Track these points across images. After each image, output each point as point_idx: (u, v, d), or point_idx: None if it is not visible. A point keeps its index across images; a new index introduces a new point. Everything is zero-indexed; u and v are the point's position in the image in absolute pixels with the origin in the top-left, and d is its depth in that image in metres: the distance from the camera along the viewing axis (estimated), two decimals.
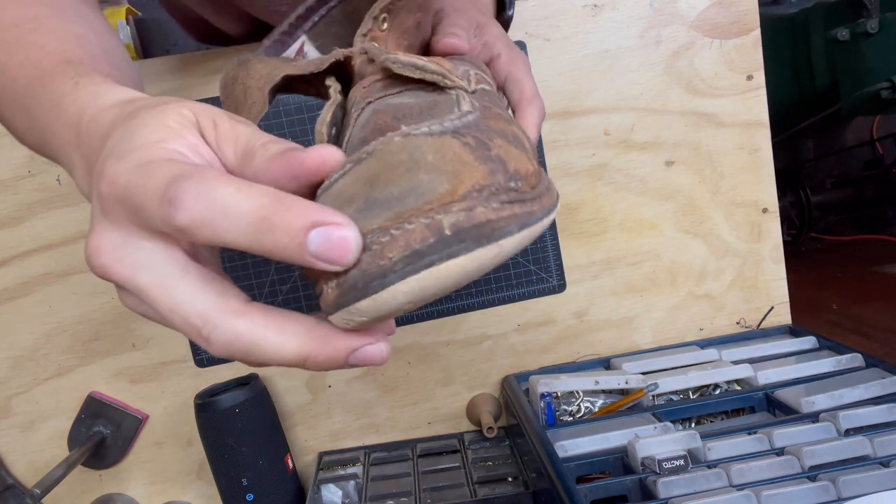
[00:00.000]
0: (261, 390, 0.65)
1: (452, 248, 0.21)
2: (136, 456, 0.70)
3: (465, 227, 0.21)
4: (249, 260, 0.67)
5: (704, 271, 0.73)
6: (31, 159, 0.65)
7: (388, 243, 0.21)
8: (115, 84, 0.28)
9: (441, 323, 0.71)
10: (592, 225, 0.72)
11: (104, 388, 0.68)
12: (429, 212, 0.21)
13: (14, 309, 0.67)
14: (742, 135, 0.72)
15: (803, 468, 0.47)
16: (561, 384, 0.61)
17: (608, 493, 0.48)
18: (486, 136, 0.24)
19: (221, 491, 0.64)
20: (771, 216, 0.73)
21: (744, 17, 0.71)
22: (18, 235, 0.66)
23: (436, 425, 0.72)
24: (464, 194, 0.21)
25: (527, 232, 0.22)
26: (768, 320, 0.74)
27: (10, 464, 0.68)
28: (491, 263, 0.22)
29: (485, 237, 0.21)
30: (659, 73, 0.71)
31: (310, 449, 0.71)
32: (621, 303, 0.73)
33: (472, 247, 0.21)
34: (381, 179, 0.22)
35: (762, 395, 0.59)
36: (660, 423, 0.55)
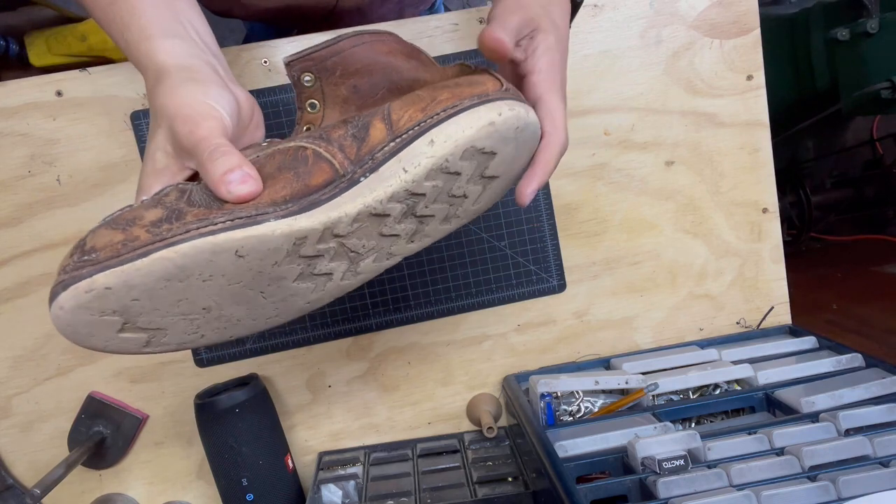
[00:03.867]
0: (261, 390, 0.65)
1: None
2: (136, 456, 0.70)
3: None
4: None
5: (704, 271, 0.73)
6: (30, 159, 0.65)
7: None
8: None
9: (441, 323, 0.71)
10: (592, 225, 0.72)
11: (104, 388, 0.68)
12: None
13: (14, 309, 0.67)
14: (742, 135, 0.72)
15: (803, 468, 0.47)
16: (561, 384, 0.61)
17: (608, 493, 0.48)
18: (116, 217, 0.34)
19: (221, 491, 0.64)
20: (771, 216, 0.73)
21: (744, 17, 0.71)
22: (18, 235, 0.66)
23: (436, 425, 0.72)
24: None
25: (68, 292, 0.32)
26: (768, 320, 0.74)
27: (10, 464, 0.68)
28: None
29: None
30: (659, 73, 0.71)
31: (310, 449, 0.71)
32: (621, 303, 0.73)
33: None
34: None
35: (762, 395, 0.59)
36: (660, 423, 0.55)
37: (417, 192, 0.35)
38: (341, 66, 0.40)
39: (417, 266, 0.70)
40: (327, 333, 0.70)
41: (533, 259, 0.71)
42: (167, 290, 0.32)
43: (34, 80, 0.64)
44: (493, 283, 0.71)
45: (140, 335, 0.34)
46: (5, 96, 0.64)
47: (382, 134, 0.35)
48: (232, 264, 0.33)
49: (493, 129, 0.35)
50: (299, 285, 0.36)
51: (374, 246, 0.37)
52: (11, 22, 1.10)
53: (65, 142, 0.65)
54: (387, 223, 0.36)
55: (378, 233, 0.37)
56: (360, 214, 0.35)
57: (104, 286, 0.31)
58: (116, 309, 0.32)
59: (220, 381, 0.67)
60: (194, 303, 0.34)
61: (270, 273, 0.34)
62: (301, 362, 0.70)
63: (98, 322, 0.32)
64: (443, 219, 0.39)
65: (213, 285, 0.33)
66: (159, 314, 0.33)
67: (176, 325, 0.35)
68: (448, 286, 0.70)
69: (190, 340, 0.36)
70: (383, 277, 0.70)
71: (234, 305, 0.35)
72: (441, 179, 0.35)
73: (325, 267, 0.36)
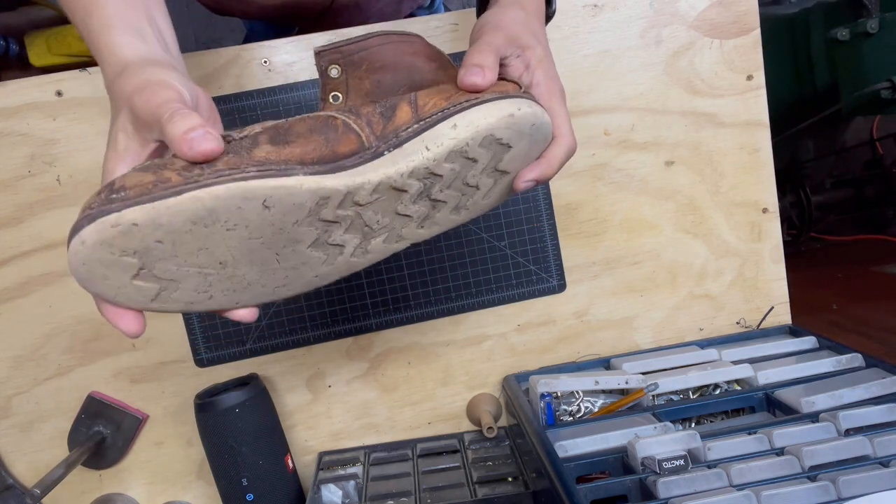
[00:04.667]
0: (261, 390, 0.65)
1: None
2: (136, 456, 0.70)
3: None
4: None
5: (704, 271, 0.73)
6: (30, 159, 0.65)
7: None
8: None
9: (441, 323, 0.71)
10: (592, 225, 0.72)
11: (104, 388, 0.68)
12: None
13: (14, 309, 0.67)
14: (742, 135, 0.72)
15: (803, 468, 0.47)
16: (561, 384, 0.61)
17: (608, 493, 0.48)
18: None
19: (221, 491, 0.64)
20: (771, 216, 0.73)
21: (744, 17, 0.71)
22: (18, 235, 0.66)
23: (436, 425, 0.72)
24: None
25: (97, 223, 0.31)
26: (768, 320, 0.74)
27: (10, 464, 0.68)
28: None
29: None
30: (659, 73, 0.71)
31: (310, 449, 0.71)
32: (621, 303, 0.73)
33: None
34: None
35: (762, 395, 0.59)
36: (660, 423, 0.55)
37: (436, 171, 0.37)
38: (367, 61, 0.42)
39: (417, 266, 0.70)
40: (327, 333, 0.70)
41: (533, 259, 0.71)
42: (191, 235, 0.33)
43: (34, 80, 0.64)
44: (493, 283, 0.71)
45: (152, 285, 0.34)
46: (5, 96, 0.64)
47: (408, 116, 0.38)
48: (257, 215, 0.34)
49: (512, 121, 0.38)
50: (312, 253, 0.38)
51: (387, 224, 0.39)
52: (11, 22, 1.10)
53: (65, 142, 0.65)
54: (403, 201, 0.38)
55: (394, 210, 0.38)
56: (380, 185, 0.36)
57: (132, 222, 0.31)
58: (138, 249, 0.32)
59: (220, 381, 0.67)
60: (213, 254, 0.34)
61: (289, 233, 0.36)
62: (301, 362, 0.70)
63: (116, 262, 0.32)
64: (453, 208, 0.41)
65: (234, 236, 0.34)
66: (176, 263, 0.34)
67: (189, 278, 0.35)
68: (448, 286, 0.70)
69: (198, 300, 0.36)
70: (383, 277, 0.70)
71: (249, 265, 0.36)
72: (459, 163, 0.38)
73: (339, 237, 0.38)
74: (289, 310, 0.69)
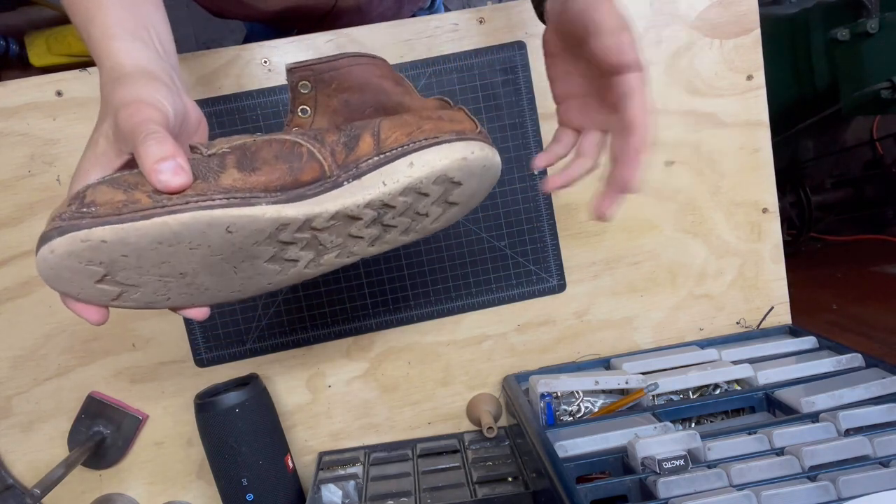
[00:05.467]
0: (261, 390, 0.65)
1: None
2: (136, 456, 0.70)
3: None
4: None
5: (704, 271, 0.73)
6: (30, 159, 0.65)
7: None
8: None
9: (441, 323, 0.71)
10: (592, 225, 0.72)
11: (104, 388, 0.68)
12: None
13: (14, 309, 0.67)
14: (742, 135, 0.72)
15: (803, 468, 0.47)
16: (561, 384, 0.61)
17: (608, 493, 0.48)
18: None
19: (221, 491, 0.64)
20: (771, 216, 0.73)
21: (744, 17, 0.71)
22: (18, 235, 0.66)
23: (436, 425, 0.72)
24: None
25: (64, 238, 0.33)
26: (768, 320, 0.74)
27: (10, 464, 0.68)
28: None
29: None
30: (659, 73, 0.71)
31: (310, 449, 0.71)
32: (621, 303, 0.73)
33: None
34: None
35: (762, 395, 0.59)
36: (660, 423, 0.55)
37: (390, 204, 0.40)
38: (337, 80, 0.45)
39: (417, 266, 0.70)
40: (327, 333, 0.70)
41: (533, 259, 0.71)
42: (156, 253, 0.35)
43: (34, 80, 0.64)
44: (493, 283, 0.71)
45: (114, 288, 0.36)
46: (5, 96, 0.64)
47: (370, 148, 0.40)
48: (220, 238, 0.36)
49: (465, 164, 0.40)
50: (268, 266, 0.40)
51: (340, 243, 0.41)
52: (11, 22, 1.10)
53: (65, 142, 0.65)
54: (357, 226, 0.40)
55: (347, 233, 0.41)
56: (337, 214, 0.39)
57: (101, 239, 0.33)
58: (104, 261, 0.34)
59: (220, 381, 0.67)
60: (174, 267, 0.36)
61: (249, 251, 0.38)
62: (301, 362, 0.70)
63: (82, 270, 0.34)
64: (403, 231, 0.43)
65: (197, 254, 0.36)
66: (139, 273, 0.36)
67: (149, 284, 0.37)
68: (448, 286, 0.70)
69: (156, 301, 0.39)
70: (383, 277, 0.70)
71: (208, 276, 0.38)
72: (412, 197, 0.40)
73: (294, 254, 0.40)
74: (289, 310, 0.69)
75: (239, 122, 0.66)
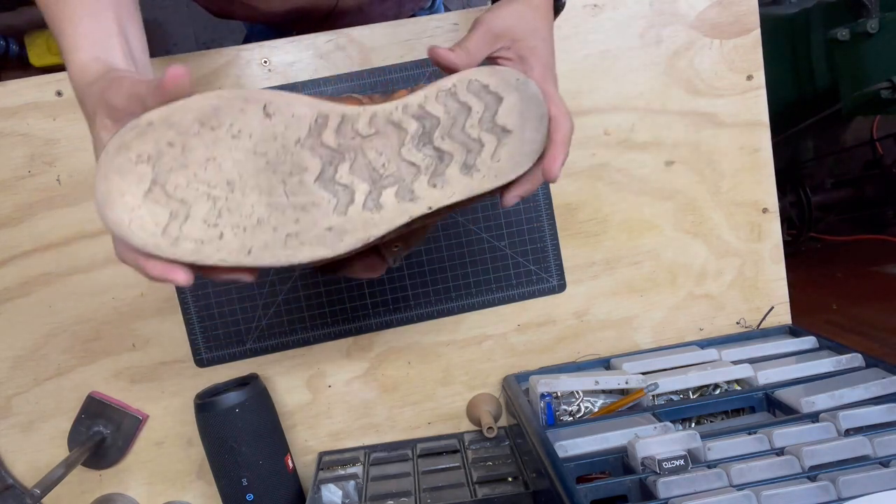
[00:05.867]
0: (261, 390, 0.65)
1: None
2: (136, 456, 0.70)
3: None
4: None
5: (704, 271, 0.73)
6: (30, 159, 0.65)
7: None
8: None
9: (441, 323, 0.71)
10: (592, 225, 0.72)
11: (104, 388, 0.68)
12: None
13: (14, 309, 0.67)
14: (742, 135, 0.72)
15: (803, 468, 0.47)
16: (561, 384, 0.61)
17: (608, 493, 0.48)
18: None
19: (221, 491, 0.64)
20: (771, 216, 0.73)
21: (744, 17, 0.71)
22: (18, 235, 0.66)
23: (436, 425, 0.72)
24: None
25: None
26: (768, 320, 0.74)
27: (10, 464, 0.68)
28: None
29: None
30: (659, 73, 0.71)
31: (310, 449, 0.71)
32: (621, 303, 0.73)
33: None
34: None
35: (762, 395, 0.59)
36: (660, 423, 0.55)
37: (429, 110, 0.41)
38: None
39: (417, 266, 0.70)
40: (327, 333, 0.70)
41: (533, 259, 0.71)
42: (199, 140, 0.36)
43: (34, 80, 0.64)
44: (493, 283, 0.71)
45: (163, 210, 0.36)
46: (5, 96, 0.64)
47: (404, 93, 0.42)
48: (259, 122, 0.37)
49: (494, 72, 0.42)
50: (320, 191, 0.39)
51: (394, 172, 0.40)
52: (11, 22, 1.10)
53: (65, 142, 0.65)
54: (405, 143, 0.40)
55: (398, 152, 0.40)
56: (376, 115, 0.39)
57: (148, 121, 0.35)
58: (151, 154, 0.35)
59: (220, 381, 0.67)
60: (221, 168, 0.36)
61: (294, 155, 0.38)
62: (301, 362, 0.70)
63: (132, 173, 0.35)
64: (462, 164, 0.42)
65: (240, 147, 0.37)
66: (186, 176, 0.36)
67: (199, 203, 0.36)
68: (448, 286, 0.70)
69: (208, 239, 0.36)
70: (383, 277, 0.70)
71: (257, 193, 0.37)
72: (452, 104, 0.41)
73: (346, 176, 0.39)
74: (289, 310, 0.69)
75: None
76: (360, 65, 0.67)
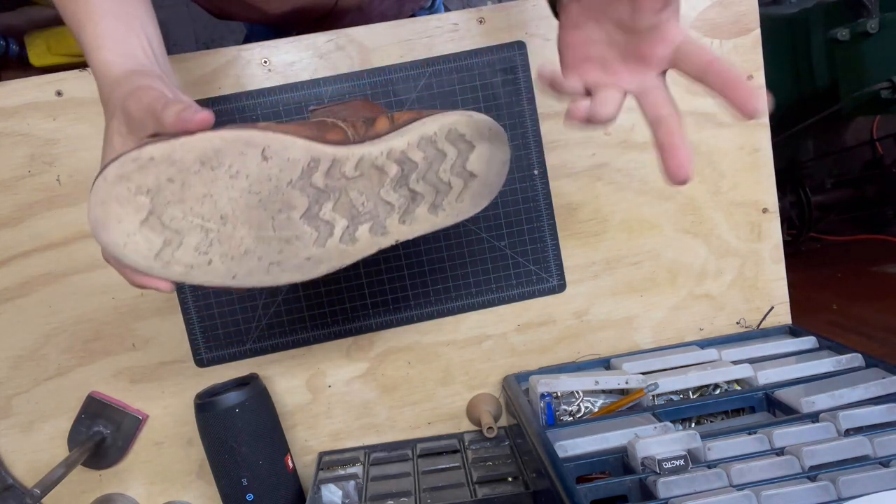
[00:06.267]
0: (261, 390, 0.65)
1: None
2: (136, 456, 0.70)
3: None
4: None
5: (704, 271, 0.73)
6: (30, 159, 0.65)
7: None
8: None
9: (441, 323, 0.71)
10: (592, 225, 0.72)
11: (104, 388, 0.68)
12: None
13: (14, 309, 0.67)
14: (742, 135, 0.72)
15: (803, 468, 0.47)
16: (561, 384, 0.61)
17: (608, 493, 0.48)
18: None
19: (221, 491, 0.64)
20: (771, 216, 0.73)
21: (744, 17, 0.71)
22: (18, 235, 0.66)
23: (436, 425, 0.72)
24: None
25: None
26: (768, 320, 0.74)
27: (10, 464, 0.68)
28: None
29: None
30: None
31: (310, 449, 0.71)
32: (621, 303, 0.73)
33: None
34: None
35: (762, 395, 0.59)
36: (660, 423, 0.55)
37: (410, 156, 0.44)
38: (352, 117, 0.50)
39: (417, 266, 0.70)
40: (327, 333, 0.70)
41: (533, 259, 0.71)
42: (199, 178, 0.37)
43: (34, 80, 0.64)
44: (493, 283, 0.71)
45: (157, 237, 0.37)
46: (5, 96, 0.64)
47: (386, 125, 0.45)
48: (257, 165, 0.38)
49: (471, 121, 0.46)
50: (304, 226, 0.42)
51: (371, 210, 0.44)
52: (11, 22, 1.10)
53: (65, 142, 0.65)
54: (384, 184, 0.44)
55: (377, 194, 0.44)
56: (362, 160, 0.42)
57: (150, 156, 0.35)
58: (151, 188, 0.36)
59: (220, 381, 0.67)
60: (216, 204, 0.38)
61: (284, 194, 0.40)
62: (301, 362, 0.70)
63: (130, 201, 0.36)
64: (431, 205, 0.46)
65: (236, 186, 0.38)
66: (182, 209, 0.37)
67: (192, 233, 0.38)
68: (448, 286, 0.70)
69: (197, 263, 0.39)
70: (383, 277, 0.70)
71: (247, 226, 0.40)
72: (430, 151, 0.45)
73: (328, 213, 0.42)
74: (289, 310, 0.69)
75: (238, 123, 0.66)
76: (360, 65, 0.67)
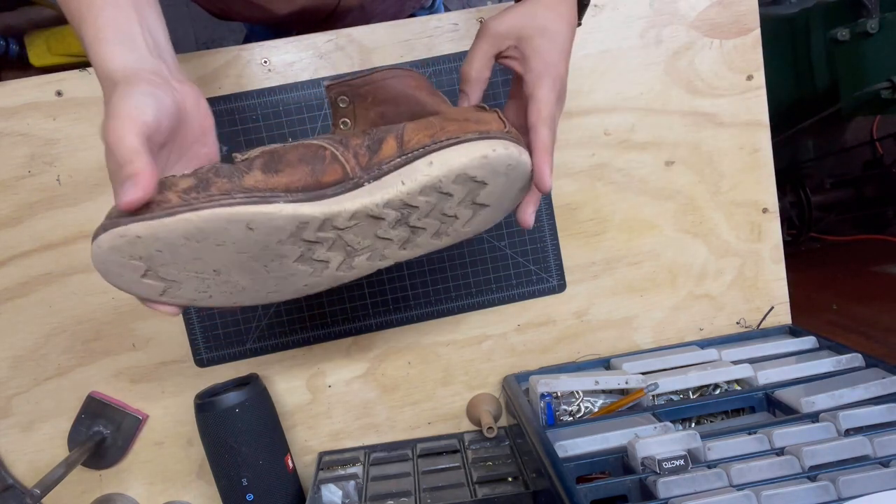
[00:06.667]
0: (261, 390, 0.65)
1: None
2: (136, 456, 0.70)
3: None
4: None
5: (704, 271, 0.73)
6: (30, 159, 0.65)
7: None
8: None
9: (441, 323, 0.71)
10: (592, 225, 0.72)
11: (104, 388, 0.68)
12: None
13: (14, 309, 0.67)
14: (742, 135, 0.72)
15: (803, 468, 0.47)
16: (561, 384, 0.61)
17: (608, 493, 0.48)
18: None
19: (221, 491, 0.64)
20: (771, 216, 0.73)
21: (744, 17, 0.71)
22: (18, 235, 0.66)
23: (436, 425, 0.72)
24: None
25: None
26: (768, 320, 0.74)
27: (10, 464, 0.68)
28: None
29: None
30: (659, 73, 0.71)
31: (310, 449, 0.71)
32: (621, 303, 0.73)
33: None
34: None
35: (762, 395, 0.59)
36: (660, 423, 0.55)
37: (411, 203, 0.40)
38: (372, 94, 0.47)
39: (417, 266, 0.70)
40: (327, 333, 0.70)
41: (533, 259, 0.71)
42: (186, 248, 0.37)
43: (34, 80, 0.64)
44: (493, 283, 0.71)
45: (158, 283, 0.39)
46: (5, 96, 0.64)
47: (393, 150, 0.41)
48: (243, 234, 0.38)
49: (486, 162, 0.40)
50: (299, 266, 0.41)
51: (369, 245, 0.42)
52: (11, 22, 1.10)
53: (65, 142, 0.65)
54: (381, 226, 0.41)
55: (374, 234, 0.41)
56: (357, 213, 0.40)
57: (136, 234, 0.36)
58: (143, 256, 0.37)
59: (220, 381, 0.67)
60: (207, 263, 0.39)
61: (274, 250, 0.39)
62: (301, 362, 0.70)
63: (126, 264, 0.37)
64: (433, 234, 0.43)
65: (224, 251, 0.38)
66: (176, 268, 0.38)
67: (189, 281, 0.40)
68: (448, 286, 0.70)
69: (200, 298, 0.41)
70: (383, 277, 0.70)
71: (241, 273, 0.40)
72: (434, 197, 0.40)
73: (322, 255, 0.41)
74: (289, 310, 0.69)
75: (239, 123, 0.66)
76: (360, 65, 0.67)
